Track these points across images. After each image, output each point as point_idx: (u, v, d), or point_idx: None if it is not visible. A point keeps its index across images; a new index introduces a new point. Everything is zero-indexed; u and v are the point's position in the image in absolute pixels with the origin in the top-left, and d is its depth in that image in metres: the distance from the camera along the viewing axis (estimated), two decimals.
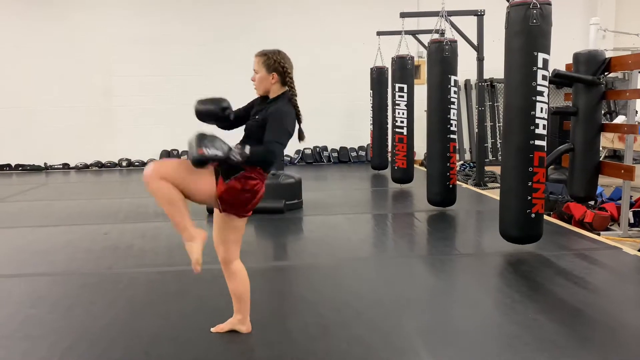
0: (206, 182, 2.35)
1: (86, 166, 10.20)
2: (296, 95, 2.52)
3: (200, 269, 2.36)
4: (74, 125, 10.09)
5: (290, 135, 2.45)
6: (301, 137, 2.57)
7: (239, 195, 2.36)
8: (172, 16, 10.04)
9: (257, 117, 2.46)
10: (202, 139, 2.21)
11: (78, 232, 4.96)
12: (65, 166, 10.17)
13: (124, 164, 10.25)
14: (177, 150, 10.23)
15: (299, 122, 2.53)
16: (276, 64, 2.45)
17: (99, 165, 10.24)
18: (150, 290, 3.36)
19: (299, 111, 2.51)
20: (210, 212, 5.44)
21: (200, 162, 2.22)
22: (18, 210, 6.25)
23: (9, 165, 10.08)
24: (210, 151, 2.20)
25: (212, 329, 2.69)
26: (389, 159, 8.37)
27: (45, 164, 10.14)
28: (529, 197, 3.77)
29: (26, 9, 9.92)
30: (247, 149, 2.28)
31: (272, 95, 2.50)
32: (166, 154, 10.18)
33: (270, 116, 2.39)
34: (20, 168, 10.06)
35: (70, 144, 10.14)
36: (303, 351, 2.52)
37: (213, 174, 2.35)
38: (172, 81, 10.11)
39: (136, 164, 10.23)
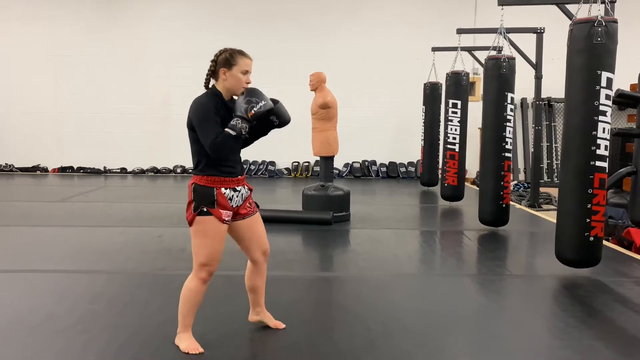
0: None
1: (142, 171, 10.59)
2: None
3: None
4: (133, 132, 10.53)
5: None
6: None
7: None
8: (227, 32, 10.28)
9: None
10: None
11: (134, 234, 5.15)
12: (123, 170, 10.60)
13: (178, 170, 10.58)
14: None
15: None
16: None
17: (155, 170, 10.61)
18: None
19: None
20: None
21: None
22: (79, 211, 6.55)
23: (71, 168, 10.60)
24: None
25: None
26: (439, 175, 8.28)
27: (104, 167, 10.60)
28: (588, 220, 3.64)
29: (93, 19, 10.46)
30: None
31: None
32: None
33: None
34: (81, 170, 10.56)
35: (128, 149, 10.58)
36: None
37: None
38: None
39: (190, 170, 10.53)
